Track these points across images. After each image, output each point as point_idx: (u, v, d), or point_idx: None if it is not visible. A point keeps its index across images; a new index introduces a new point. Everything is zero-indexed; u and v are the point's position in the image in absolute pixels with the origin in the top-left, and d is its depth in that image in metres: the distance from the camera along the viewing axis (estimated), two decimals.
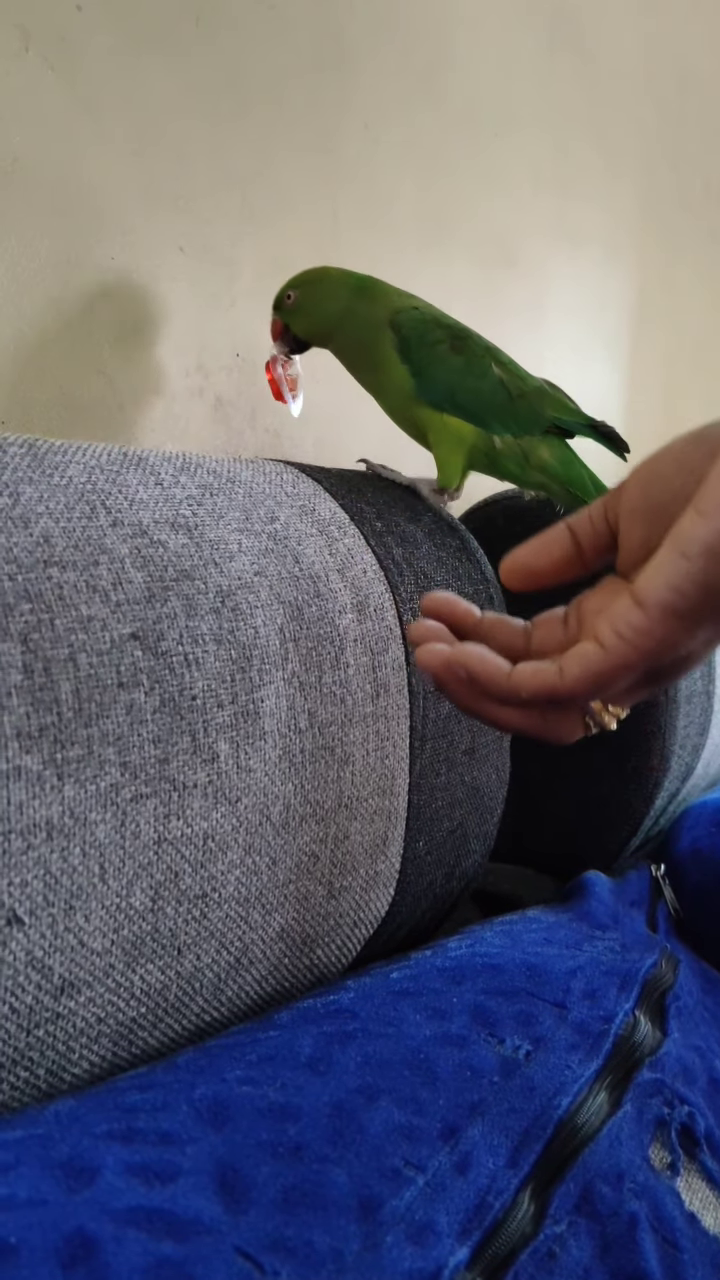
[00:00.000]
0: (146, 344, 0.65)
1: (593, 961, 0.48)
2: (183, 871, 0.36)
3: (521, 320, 1.08)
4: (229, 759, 0.38)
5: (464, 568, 0.54)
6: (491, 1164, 0.34)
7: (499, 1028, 0.41)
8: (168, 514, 0.40)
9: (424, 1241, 0.30)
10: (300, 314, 0.61)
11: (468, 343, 0.59)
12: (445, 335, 0.58)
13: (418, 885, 0.51)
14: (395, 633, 0.48)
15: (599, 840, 0.70)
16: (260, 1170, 0.30)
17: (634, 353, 1.30)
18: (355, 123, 0.81)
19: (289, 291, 0.60)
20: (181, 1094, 0.32)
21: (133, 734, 0.34)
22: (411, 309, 0.58)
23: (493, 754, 0.54)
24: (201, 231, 0.68)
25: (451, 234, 0.95)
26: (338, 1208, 0.29)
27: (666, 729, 0.68)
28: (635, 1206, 0.36)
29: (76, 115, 0.59)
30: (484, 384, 0.58)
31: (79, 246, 0.60)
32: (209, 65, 0.67)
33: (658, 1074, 0.42)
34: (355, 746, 0.45)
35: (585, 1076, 0.40)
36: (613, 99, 1.19)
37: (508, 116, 1.01)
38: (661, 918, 0.60)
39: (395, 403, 0.60)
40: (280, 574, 0.42)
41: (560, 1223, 0.34)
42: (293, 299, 0.60)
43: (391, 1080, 0.36)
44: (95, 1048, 0.35)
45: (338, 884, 0.45)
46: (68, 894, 0.33)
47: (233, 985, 0.41)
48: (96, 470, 0.39)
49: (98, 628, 0.34)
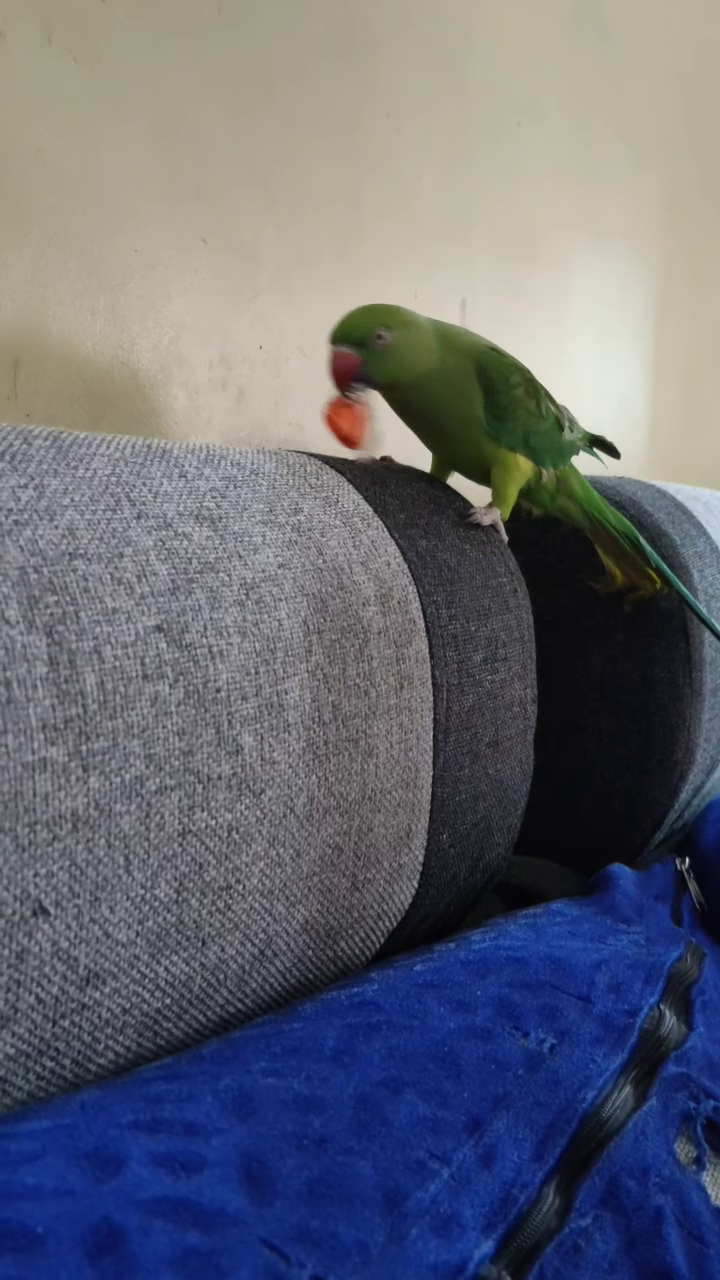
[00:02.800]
0: (170, 336, 0.65)
1: (617, 955, 0.48)
2: (207, 863, 0.36)
3: (545, 311, 1.07)
4: (253, 751, 0.38)
5: (488, 560, 0.54)
6: (516, 1157, 0.34)
7: (523, 1021, 0.41)
8: (192, 506, 0.40)
9: (449, 1234, 0.30)
10: (393, 358, 0.54)
11: (535, 385, 0.59)
12: (521, 379, 0.58)
13: (441, 878, 0.51)
14: (419, 625, 0.47)
15: (623, 833, 0.70)
16: (285, 1162, 0.30)
17: (658, 342, 1.29)
18: (377, 112, 0.80)
19: (380, 331, 0.53)
20: (206, 1085, 0.32)
21: (157, 726, 0.34)
22: (491, 350, 0.58)
23: (516, 747, 0.54)
24: (224, 223, 0.68)
25: (474, 224, 0.94)
26: (363, 1200, 0.29)
27: (691, 722, 0.67)
28: (661, 1201, 0.36)
29: (99, 106, 0.59)
30: (547, 424, 0.60)
31: (102, 238, 0.60)
32: (231, 55, 0.67)
33: (683, 1068, 0.42)
34: (379, 739, 0.44)
35: (610, 1070, 0.40)
36: (637, 87, 1.18)
37: (531, 105, 1.00)
38: (686, 911, 0.60)
39: (462, 441, 0.59)
40: (304, 566, 0.42)
41: (586, 1216, 0.34)
42: (386, 340, 0.53)
43: (416, 1073, 0.36)
44: (121, 1038, 0.35)
45: (361, 876, 0.45)
46: (93, 885, 0.33)
47: (257, 977, 0.41)
48: (121, 463, 0.39)
49: (122, 620, 0.34)
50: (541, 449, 0.60)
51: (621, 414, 1.24)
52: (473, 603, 0.51)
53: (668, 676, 0.67)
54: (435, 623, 0.48)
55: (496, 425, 0.58)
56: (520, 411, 0.58)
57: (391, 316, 0.54)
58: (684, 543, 0.69)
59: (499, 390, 0.57)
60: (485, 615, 0.52)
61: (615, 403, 1.23)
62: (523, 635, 0.55)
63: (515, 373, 0.58)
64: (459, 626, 0.50)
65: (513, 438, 0.59)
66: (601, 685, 0.69)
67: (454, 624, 0.49)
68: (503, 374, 0.57)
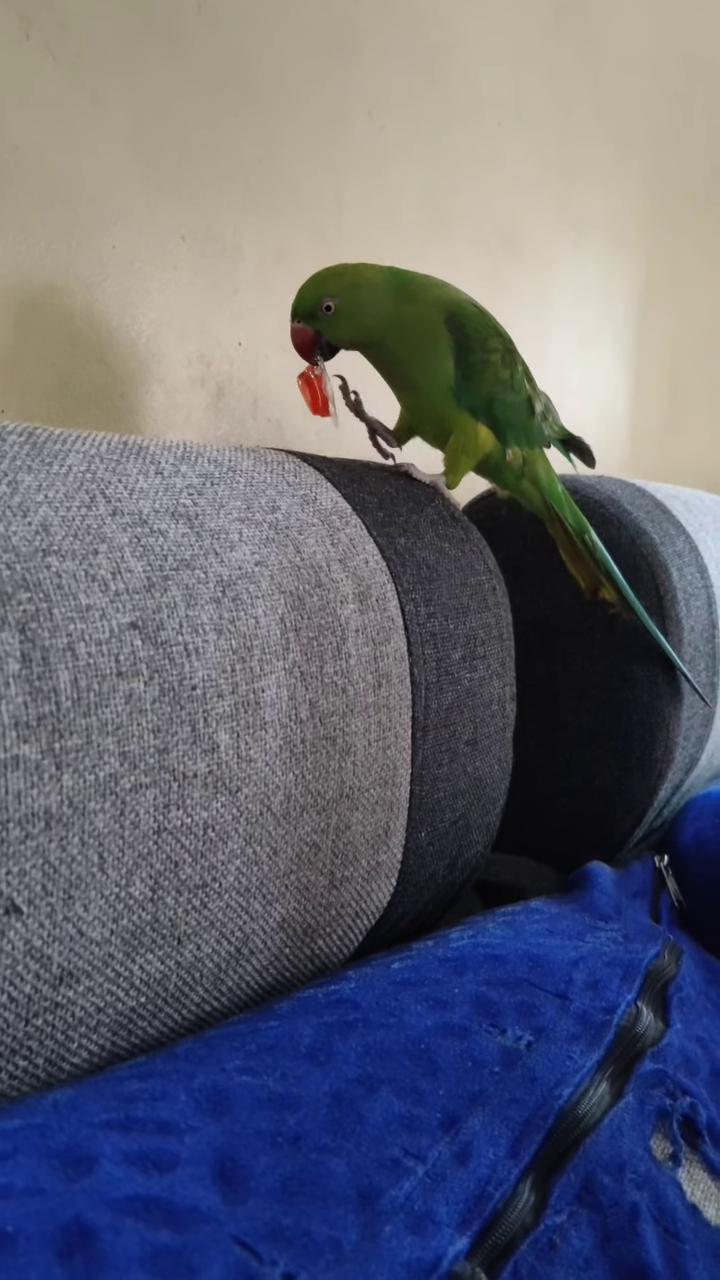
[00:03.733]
0: (148, 332, 0.65)
1: (595, 952, 0.48)
2: (183, 861, 0.36)
3: (526, 308, 1.07)
4: (229, 749, 0.38)
5: (467, 558, 0.54)
6: (492, 1154, 0.34)
7: (500, 1018, 0.41)
8: (168, 503, 0.40)
9: (423, 1231, 0.30)
10: (343, 321, 0.56)
11: (514, 356, 0.59)
12: (500, 345, 0.58)
13: (420, 876, 0.50)
14: (397, 623, 0.47)
15: (602, 831, 0.70)
16: (259, 1160, 0.29)
17: (640, 340, 1.29)
18: (359, 110, 0.80)
19: (325, 300, 0.55)
20: (180, 1083, 0.32)
21: (132, 723, 0.34)
22: (470, 305, 0.58)
23: (495, 745, 0.54)
24: (203, 219, 0.67)
25: (456, 221, 0.94)
26: (337, 1198, 0.29)
27: (670, 720, 0.68)
28: (636, 1197, 0.36)
29: (77, 102, 0.59)
30: (517, 399, 0.60)
31: (80, 235, 0.60)
32: (211, 52, 0.67)
33: (660, 1065, 0.42)
34: (357, 737, 0.44)
35: (587, 1067, 0.40)
36: (619, 84, 1.18)
37: (513, 103, 1.00)
38: (664, 909, 0.60)
39: (428, 400, 0.59)
40: (281, 564, 0.42)
41: (561, 1213, 0.34)
42: (332, 307, 0.55)
43: (392, 1070, 0.36)
44: (94, 1037, 0.35)
45: (339, 874, 0.45)
46: (66, 883, 0.33)
47: (233, 975, 0.41)
48: (96, 459, 0.39)
49: (96, 617, 0.34)
50: (505, 422, 0.60)
51: (603, 413, 1.25)
52: (451, 601, 0.51)
53: (647, 675, 0.67)
54: (413, 620, 0.48)
55: (463, 384, 0.58)
56: (489, 375, 0.58)
57: (334, 281, 0.56)
58: (663, 541, 0.69)
59: (474, 349, 0.57)
60: (464, 613, 0.52)
61: (596, 402, 1.23)
62: (501, 633, 0.55)
63: (496, 337, 0.58)
64: (437, 624, 0.50)
65: (475, 399, 0.58)
66: (581, 683, 0.70)
67: (432, 622, 0.49)
68: (481, 334, 0.57)
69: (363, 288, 0.56)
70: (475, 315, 0.57)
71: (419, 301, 0.57)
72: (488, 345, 0.57)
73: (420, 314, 0.57)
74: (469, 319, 0.57)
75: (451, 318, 0.57)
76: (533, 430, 0.62)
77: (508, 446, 0.61)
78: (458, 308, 0.57)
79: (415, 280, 0.58)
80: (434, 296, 0.57)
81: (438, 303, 0.57)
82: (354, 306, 0.56)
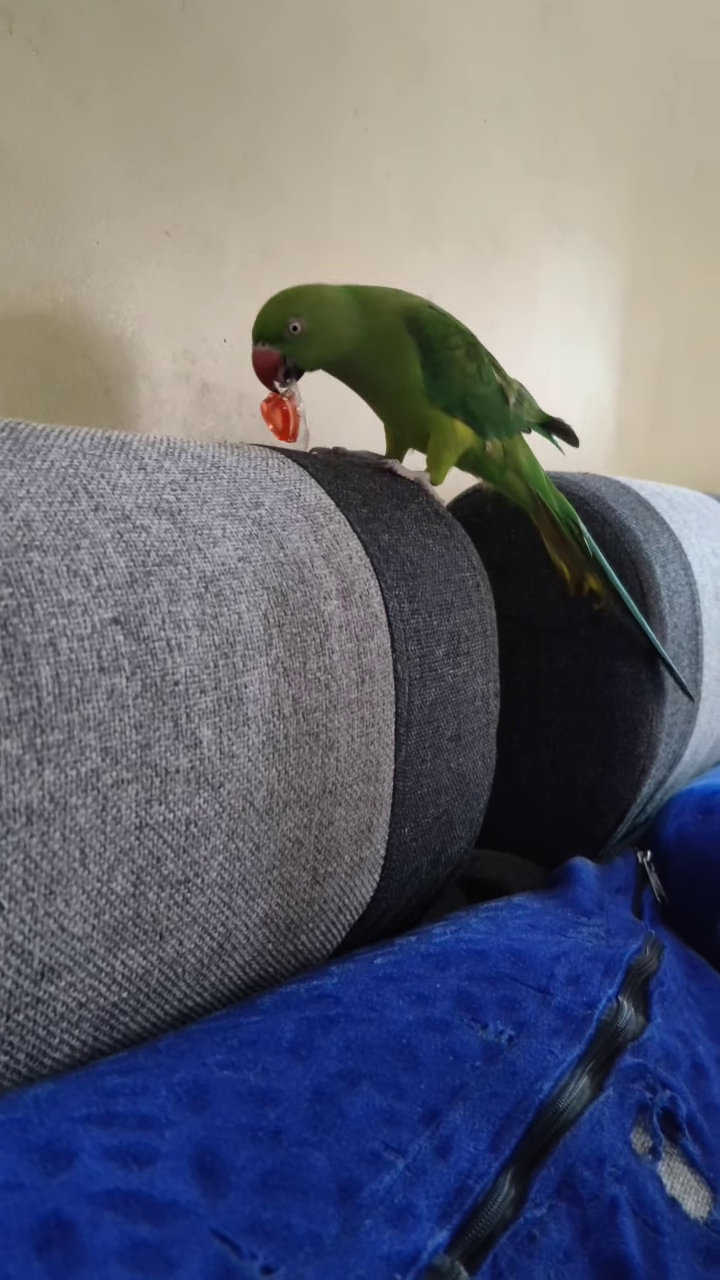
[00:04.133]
0: (132, 328, 0.65)
1: (577, 947, 0.48)
2: (165, 857, 0.36)
3: (512, 307, 1.07)
4: (212, 744, 0.38)
5: (451, 555, 0.54)
6: (472, 1148, 0.34)
7: (482, 1013, 0.41)
8: (151, 499, 0.40)
9: (403, 1225, 0.30)
10: (313, 341, 0.55)
11: (478, 349, 0.60)
12: (462, 341, 0.58)
13: (403, 871, 0.51)
14: (381, 619, 0.47)
15: (586, 827, 0.70)
16: (239, 1154, 0.30)
17: (625, 339, 1.29)
18: (345, 108, 0.80)
19: (292, 321, 0.54)
20: (161, 1078, 0.32)
21: (114, 719, 0.34)
22: (426, 308, 0.58)
23: (479, 740, 0.54)
24: (188, 216, 0.67)
25: (442, 220, 0.94)
26: (317, 1191, 0.30)
27: (654, 716, 0.68)
28: (616, 1190, 0.36)
29: (62, 98, 0.59)
30: (488, 391, 0.60)
31: (64, 230, 0.60)
32: (197, 49, 0.67)
33: (640, 1059, 0.42)
34: (340, 732, 0.45)
35: (567, 1061, 0.40)
36: (605, 83, 1.18)
37: (499, 101, 1.00)
38: (647, 904, 0.60)
39: (403, 403, 0.59)
40: (264, 559, 0.42)
41: (541, 1206, 0.34)
42: (299, 328, 0.54)
43: (373, 1065, 0.36)
44: (76, 1033, 0.35)
45: (322, 870, 0.45)
46: (48, 879, 0.33)
47: (215, 971, 0.41)
48: (79, 454, 0.39)
49: (78, 612, 0.34)
50: (482, 415, 0.60)
51: (588, 410, 1.25)
52: (435, 597, 0.51)
53: (630, 672, 0.67)
54: (397, 617, 0.48)
55: (433, 384, 0.58)
56: (457, 372, 0.58)
57: (299, 302, 0.54)
58: (647, 538, 0.70)
59: (436, 349, 0.57)
60: (448, 610, 0.52)
61: (582, 399, 1.24)
62: (485, 630, 0.55)
63: (456, 334, 0.58)
64: (421, 621, 0.50)
65: (449, 397, 0.58)
66: (564, 680, 0.70)
67: (416, 618, 0.50)
68: (441, 333, 0.57)
69: (327, 305, 0.55)
70: (433, 316, 0.58)
71: (380, 313, 0.57)
72: (450, 342, 0.58)
73: (384, 324, 0.57)
74: (426, 320, 0.57)
75: (410, 321, 0.57)
76: (509, 419, 0.62)
77: (486, 439, 0.61)
78: (414, 311, 0.57)
79: (372, 293, 0.58)
80: (392, 305, 0.57)
81: (396, 310, 0.57)
82: (322, 325, 0.55)
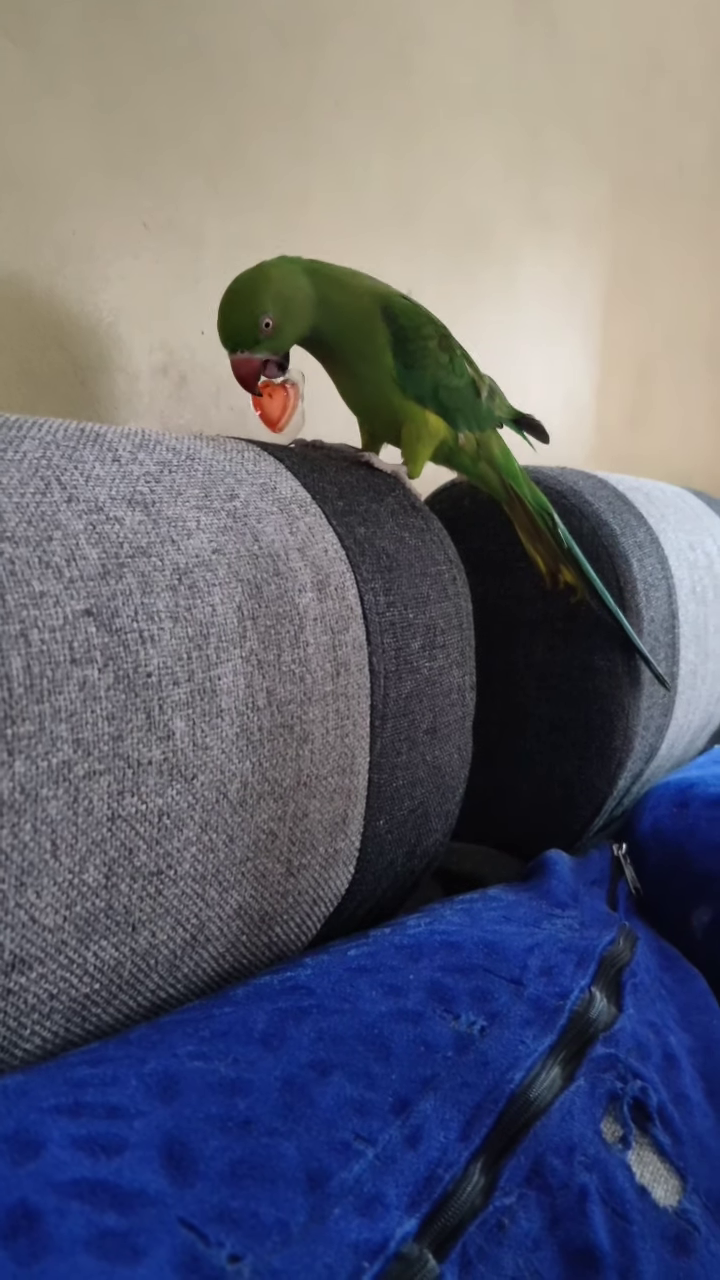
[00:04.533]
0: (109, 319, 0.64)
1: (551, 939, 0.48)
2: (137, 848, 0.36)
3: (492, 302, 1.07)
4: (185, 736, 0.38)
5: (427, 548, 0.54)
6: (443, 1137, 0.35)
7: (455, 1004, 0.41)
8: (124, 490, 0.40)
9: (372, 1213, 0.30)
10: (284, 331, 0.54)
11: (450, 341, 0.60)
12: (434, 332, 0.59)
13: (378, 864, 0.51)
14: (356, 612, 0.47)
15: (562, 820, 0.71)
16: (208, 1143, 0.30)
17: (604, 335, 1.30)
18: (325, 100, 0.80)
19: (264, 319, 0.53)
20: (131, 1068, 0.32)
21: (86, 710, 0.34)
22: (401, 298, 0.58)
23: (455, 733, 0.54)
24: (166, 207, 0.67)
25: (422, 214, 0.94)
26: (285, 1180, 0.30)
27: (630, 710, 0.68)
28: (586, 1179, 0.37)
29: (37, 87, 0.59)
30: (460, 383, 0.60)
31: (40, 220, 0.60)
32: (174, 38, 0.66)
33: (611, 1049, 0.43)
34: (314, 725, 0.45)
35: (539, 1051, 0.40)
36: (585, 80, 1.18)
37: (480, 96, 1.00)
38: (622, 896, 0.61)
39: (375, 393, 0.59)
40: (239, 552, 0.42)
41: (510, 1195, 0.35)
42: (271, 324, 0.53)
43: (345, 1055, 0.36)
44: (47, 1024, 0.35)
45: (296, 862, 0.45)
46: (18, 870, 0.33)
47: (189, 962, 0.41)
48: (52, 445, 0.39)
49: (50, 603, 0.34)
50: (454, 407, 0.60)
51: (567, 406, 1.25)
52: (411, 590, 0.51)
53: (607, 665, 0.68)
54: (373, 610, 0.48)
55: (406, 374, 0.58)
56: (430, 362, 0.58)
57: (264, 296, 0.53)
58: (623, 532, 0.70)
59: (410, 338, 0.57)
60: (424, 602, 0.52)
61: (561, 395, 1.24)
62: (461, 623, 0.55)
63: (429, 324, 0.58)
64: (397, 613, 0.50)
65: (421, 388, 0.59)
66: (541, 673, 0.70)
67: (392, 611, 0.50)
68: (414, 322, 0.58)
69: (288, 290, 0.54)
70: (406, 305, 0.58)
71: (349, 290, 0.57)
72: (422, 333, 0.58)
73: (354, 302, 0.57)
74: (400, 310, 0.57)
75: (385, 310, 0.57)
76: (481, 412, 0.62)
77: (459, 431, 0.61)
78: (388, 300, 0.57)
79: (335, 269, 0.57)
80: (364, 286, 0.57)
81: (370, 293, 0.57)
82: (289, 314, 0.54)
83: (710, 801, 0.66)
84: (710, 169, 1.52)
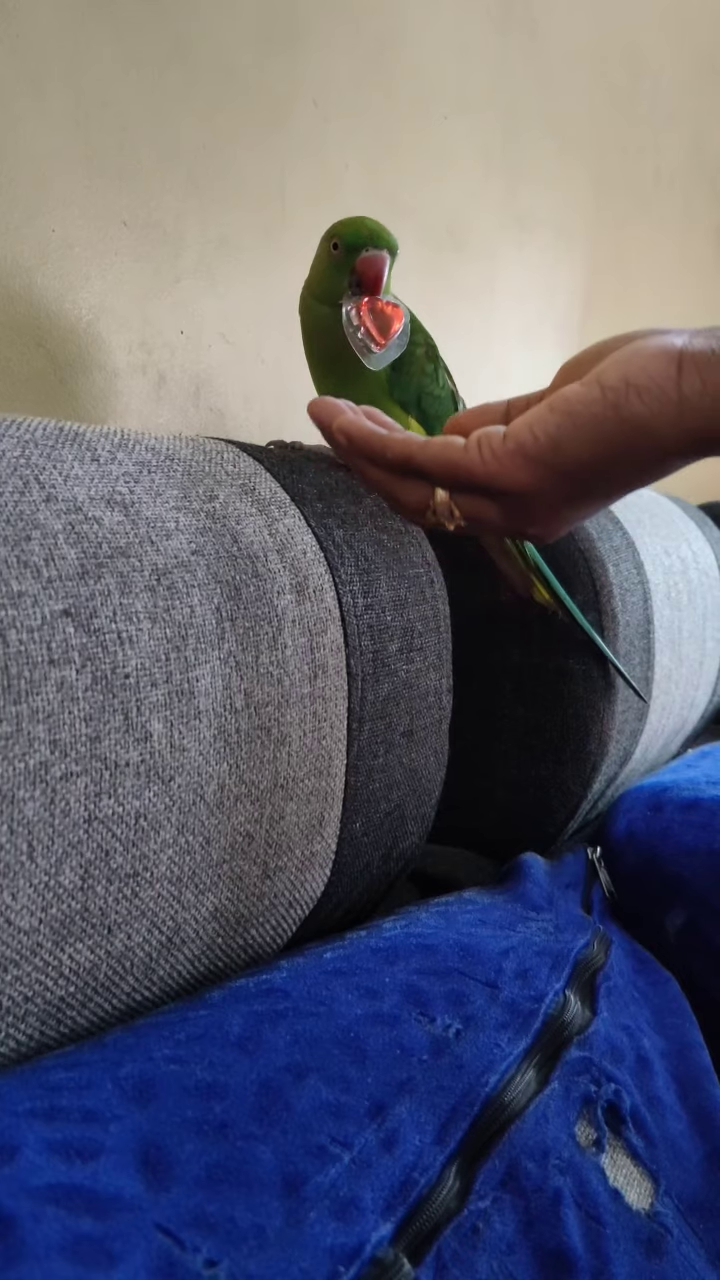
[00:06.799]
0: (88, 318, 0.64)
1: (525, 942, 0.48)
2: (113, 850, 0.36)
3: (470, 303, 1.08)
4: (162, 738, 0.38)
5: (405, 551, 0.54)
6: (418, 1141, 0.35)
7: (430, 1007, 0.41)
8: (103, 490, 0.39)
9: (347, 1218, 0.30)
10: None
11: (434, 351, 0.61)
12: (423, 340, 0.60)
13: (354, 866, 0.51)
14: (334, 614, 0.47)
15: (537, 823, 0.71)
16: (184, 1148, 0.30)
17: (583, 335, 1.30)
18: (304, 99, 0.80)
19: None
20: (107, 1072, 0.32)
21: (63, 711, 0.34)
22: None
23: (431, 736, 0.54)
24: (145, 206, 0.67)
25: (400, 214, 0.94)
26: (261, 1184, 0.30)
27: (605, 714, 0.69)
28: (560, 1182, 0.37)
29: (17, 85, 0.58)
30: (442, 393, 0.62)
31: (19, 217, 0.59)
32: (155, 37, 0.66)
33: (586, 1052, 0.43)
34: (292, 727, 0.44)
35: (514, 1055, 0.40)
36: (564, 83, 1.19)
37: (459, 97, 1.00)
38: (596, 899, 0.61)
39: (363, 396, 0.59)
40: (218, 553, 0.42)
41: (485, 1198, 0.35)
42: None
43: (321, 1059, 0.36)
44: (22, 1026, 0.35)
45: (273, 864, 0.45)
46: None
47: (165, 965, 0.40)
48: (31, 445, 0.39)
49: (28, 603, 0.34)
50: (433, 415, 0.61)
51: None
52: (389, 593, 0.51)
53: (582, 669, 0.68)
54: (351, 612, 0.48)
55: (394, 377, 0.59)
56: (416, 369, 0.60)
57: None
58: (600, 536, 0.70)
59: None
60: (401, 605, 0.52)
61: None
62: (439, 626, 0.55)
63: (418, 333, 0.59)
64: (375, 616, 0.50)
65: (406, 393, 0.60)
66: (517, 676, 0.70)
67: (370, 614, 0.50)
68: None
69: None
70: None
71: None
72: (415, 339, 0.59)
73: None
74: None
75: None
76: None
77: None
78: None
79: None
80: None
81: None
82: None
83: (684, 805, 0.67)
84: (687, 171, 1.53)
